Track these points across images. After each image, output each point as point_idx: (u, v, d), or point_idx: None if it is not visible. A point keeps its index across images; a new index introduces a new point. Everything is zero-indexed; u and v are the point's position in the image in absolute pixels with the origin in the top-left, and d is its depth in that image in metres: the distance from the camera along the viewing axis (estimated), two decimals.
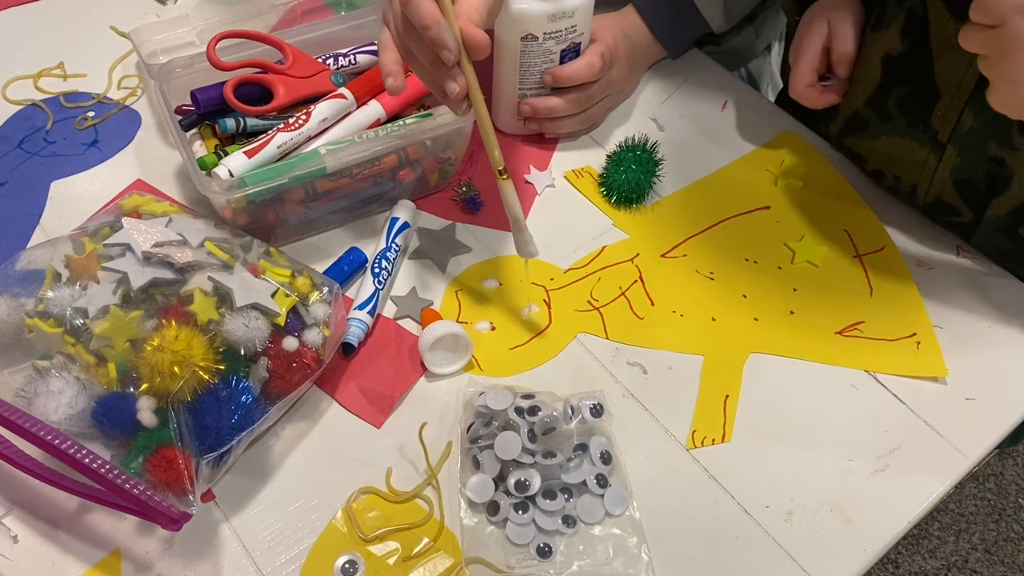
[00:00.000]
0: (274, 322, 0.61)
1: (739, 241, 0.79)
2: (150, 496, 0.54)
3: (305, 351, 0.62)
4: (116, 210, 0.67)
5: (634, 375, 0.70)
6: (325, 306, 0.64)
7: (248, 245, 0.66)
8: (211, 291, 0.60)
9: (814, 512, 0.63)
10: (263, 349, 0.60)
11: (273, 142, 0.71)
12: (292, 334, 0.61)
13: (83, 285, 0.60)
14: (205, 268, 0.61)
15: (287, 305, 0.62)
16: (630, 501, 0.63)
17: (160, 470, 0.55)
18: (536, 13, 0.76)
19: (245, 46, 0.77)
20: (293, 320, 0.62)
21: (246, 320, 0.59)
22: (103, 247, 0.61)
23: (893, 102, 0.75)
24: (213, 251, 0.62)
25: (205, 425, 0.57)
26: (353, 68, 0.80)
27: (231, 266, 0.62)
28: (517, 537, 0.61)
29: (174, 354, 0.56)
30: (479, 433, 0.64)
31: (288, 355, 0.61)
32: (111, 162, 0.83)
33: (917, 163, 0.76)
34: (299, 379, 0.62)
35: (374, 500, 0.63)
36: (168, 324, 0.57)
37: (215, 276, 0.60)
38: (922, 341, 0.72)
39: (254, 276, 0.62)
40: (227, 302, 0.60)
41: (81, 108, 0.87)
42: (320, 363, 0.63)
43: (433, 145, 0.77)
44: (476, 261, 0.77)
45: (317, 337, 0.63)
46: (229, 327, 0.59)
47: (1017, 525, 1.52)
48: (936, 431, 0.67)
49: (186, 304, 0.59)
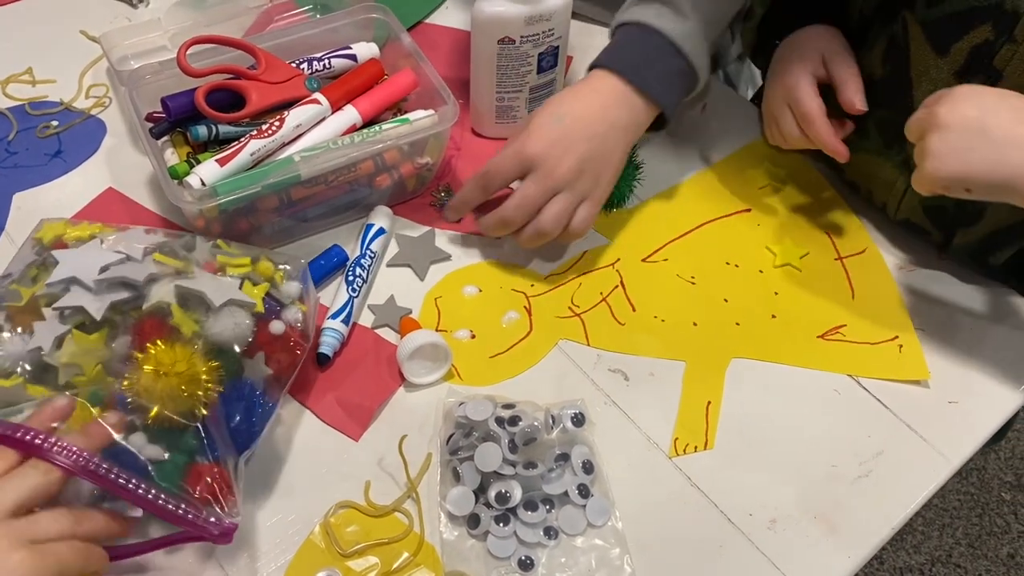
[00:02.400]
0: (254, 312, 0.60)
1: (720, 245, 0.78)
2: (197, 515, 0.53)
3: (291, 331, 0.62)
4: (35, 245, 0.63)
5: (616, 382, 0.69)
6: (295, 283, 0.64)
7: (191, 244, 0.64)
8: (180, 299, 0.59)
9: (798, 519, 0.63)
10: (253, 340, 0.59)
11: (246, 149, 0.70)
12: (275, 318, 0.61)
13: (29, 331, 0.57)
14: (161, 279, 0.59)
15: (260, 292, 0.61)
16: (612, 511, 0.62)
17: (201, 485, 0.54)
18: (512, 16, 0.75)
19: (217, 51, 0.76)
20: (270, 304, 0.62)
21: (229, 318, 0.59)
22: (45, 287, 0.58)
23: (872, 121, 0.75)
24: (163, 261, 0.61)
25: (235, 429, 0.57)
26: (328, 72, 0.79)
27: (188, 271, 0.61)
28: (498, 550, 0.60)
29: (179, 376, 0.55)
30: (459, 444, 0.63)
31: (278, 338, 0.61)
32: (80, 171, 0.81)
33: (888, 183, 0.76)
34: (294, 358, 0.62)
35: (352, 514, 0.62)
36: (160, 346, 0.56)
37: (182, 284, 0.59)
38: (904, 344, 0.72)
39: (215, 274, 0.61)
40: (202, 306, 0.59)
41: (48, 115, 0.85)
42: (307, 339, 0.63)
43: (410, 150, 0.75)
44: (456, 267, 0.76)
45: (297, 315, 0.63)
46: (216, 330, 0.58)
47: (1000, 519, 1.53)
48: (919, 435, 0.67)
49: (158, 318, 0.58)
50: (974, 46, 0.65)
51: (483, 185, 0.72)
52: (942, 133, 0.59)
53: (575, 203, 0.71)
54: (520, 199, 0.70)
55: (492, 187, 0.72)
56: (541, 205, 0.70)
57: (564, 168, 0.69)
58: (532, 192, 0.70)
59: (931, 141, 0.60)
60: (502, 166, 0.71)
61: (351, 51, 0.80)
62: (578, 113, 0.71)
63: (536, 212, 0.70)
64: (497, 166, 0.71)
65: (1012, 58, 0.63)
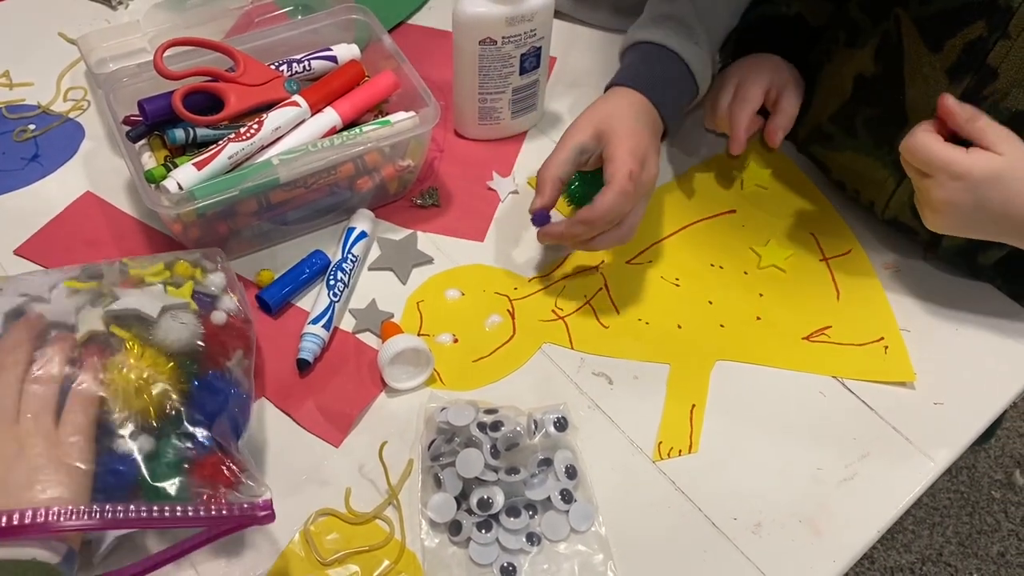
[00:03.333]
0: (191, 310, 0.60)
1: (705, 246, 0.78)
2: (238, 507, 0.53)
3: (233, 318, 0.62)
4: None
5: (600, 386, 0.69)
6: (217, 274, 0.64)
7: (95, 272, 0.62)
8: (116, 322, 0.58)
9: (783, 523, 0.62)
10: (205, 334, 0.59)
11: (224, 153, 0.69)
12: (212, 310, 0.62)
13: None
14: (82, 310, 0.58)
15: (187, 291, 0.61)
16: (596, 516, 0.61)
17: (217, 477, 0.54)
18: (493, 17, 0.74)
19: (195, 54, 0.75)
20: (201, 300, 0.62)
21: (174, 321, 0.59)
22: None
23: (860, 120, 0.74)
24: (73, 286, 0.59)
25: (221, 420, 0.57)
26: (308, 75, 0.78)
27: (108, 293, 0.59)
28: (480, 557, 0.59)
29: (145, 379, 0.55)
30: (441, 450, 0.62)
31: (223, 328, 0.61)
32: (58, 175, 0.80)
33: (877, 182, 0.75)
34: (247, 341, 0.63)
35: (333, 522, 0.61)
36: (128, 348, 0.56)
37: (111, 308, 0.58)
38: (890, 345, 0.71)
39: (137, 288, 0.61)
40: (140, 322, 0.58)
41: (25, 119, 0.84)
42: (249, 322, 0.64)
43: (391, 152, 0.75)
44: (438, 271, 0.75)
45: (231, 303, 0.63)
46: (166, 337, 0.58)
47: (990, 518, 1.53)
48: (905, 437, 0.67)
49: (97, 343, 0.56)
50: (967, 42, 0.64)
51: (609, 219, 0.67)
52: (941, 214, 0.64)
53: (646, 205, 0.71)
54: (614, 206, 0.67)
55: (615, 220, 0.68)
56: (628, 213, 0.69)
57: (656, 170, 0.69)
58: (626, 202, 0.67)
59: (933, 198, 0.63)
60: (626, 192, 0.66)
61: (331, 53, 0.79)
62: (648, 117, 0.71)
63: None
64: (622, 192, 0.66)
65: (1007, 55, 0.63)
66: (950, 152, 0.61)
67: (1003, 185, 0.61)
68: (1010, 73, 0.63)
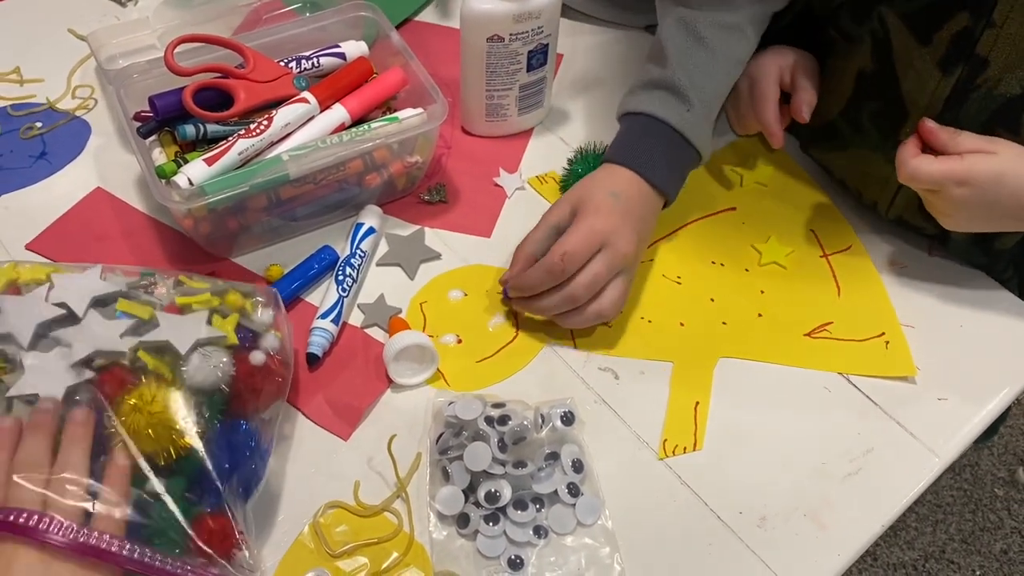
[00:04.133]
0: (227, 346, 0.58)
1: (705, 244, 0.78)
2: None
3: (271, 359, 0.60)
4: None
5: (606, 380, 0.69)
6: (266, 310, 0.62)
7: (152, 284, 0.61)
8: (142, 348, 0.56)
9: (787, 517, 0.62)
10: (236, 376, 0.57)
11: (234, 149, 0.70)
12: (253, 348, 0.59)
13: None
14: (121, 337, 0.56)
15: (231, 324, 0.59)
16: (602, 510, 0.62)
17: (215, 540, 0.51)
18: (501, 14, 0.74)
19: (205, 50, 0.75)
20: (244, 335, 0.60)
21: (204, 360, 0.56)
22: None
23: (866, 115, 0.75)
24: (128, 311, 0.58)
25: (232, 473, 0.55)
26: (316, 71, 0.79)
27: (146, 319, 0.58)
28: (488, 550, 0.60)
29: (151, 416, 0.53)
30: (449, 444, 0.63)
31: (259, 369, 0.59)
32: (68, 171, 0.81)
33: (880, 179, 0.75)
34: (278, 388, 0.60)
35: (342, 514, 0.61)
36: (145, 383, 0.54)
37: (145, 340, 0.56)
38: (891, 340, 0.72)
39: (179, 315, 0.58)
40: (170, 354, 0.56)
41: (31, 116, 0.85)
42: (288, 367, 0.61)
43: (400, 149, 0.75)
44: (446, 267, 0.76)
45: (275, 341, 0.61)
46: (192, 376, 0.56)
47: (993, 515, 1.53)
48: (909, 432, 0.67)
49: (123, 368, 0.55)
50: (954, 33, 0.64)
51: (559, 270, 0.66)
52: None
53: (629, 283, 0.70)
54: (591, 278, 0.66)
55: (571, 270, 0.66)
56: (606, 285, 0.68)
57: (630, 247, 0.68)
58: (601, 271, 0.66)
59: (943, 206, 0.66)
60: (579, 246, 0.66)
61: (340, 49, 0.80)
62: (627, 193, 0.70)
63: (600, 291, 0.68)
64: (574, 247, 0.66)
65: (995, 43, 0.62)
66: (946, 163, 0.63)
67: (1007, 181, 0.62)
68: (1000, 60, 0.63)
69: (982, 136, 0.64)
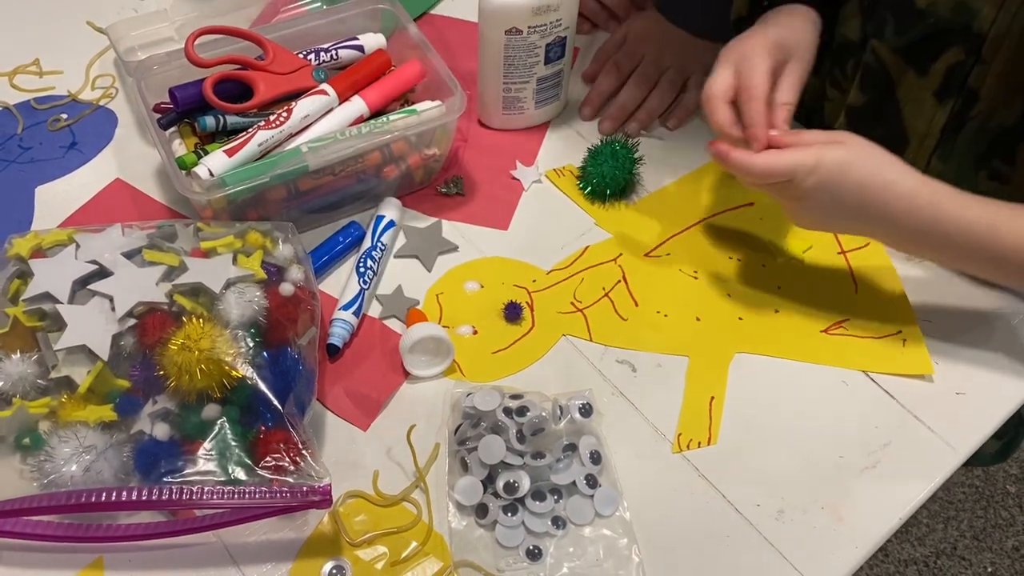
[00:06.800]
0: (256, 281, 0.61)
1: (723, 239, 0.78)
2: (298, 490, 0.54)
3: (300, 290, 0.63)
4: (11, 261, 0.62)
5: (623, 373, 0.69)
6: (287, 246, 0.65)
7: (171, 233, 0.64)
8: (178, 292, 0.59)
9: (805, 510, 0.63)
10: (270, 308, 0.61)
11: (254, 140, 0.70)
12: (281, 281, 0.63)
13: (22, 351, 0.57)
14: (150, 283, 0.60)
15: (256, 261, 0.62)
16: (620, 501, 0.62)
17: (282, 455, 0.55)
18: (520, 6, 0.74)
19: (224, 42, 0.76)
20: (270, 270, 0.63)
21: (238, 297, 0.60)
22: (24, 306, 0.59)
23: None
24: (154, 259, 0.61)
25: (295, 393, 0.59)
26: (335, 63, 0.79)
27: (175, 265, 0.61)
28: (506, 540, 0.60)
29: (200, 352, 0.56)
30: (467, 435, 0.63)
31: (290, 299, 0.62)
32: (92, 163, 0.81)
33: None
34: (311, 315, 0.63)
35: (361, 504, 0.62)
36: (192, 322, 0.57)
37: (178, 282, 0.60)
38: (908, 339, 0.71)
39: (206, 258, 0.62)
40: (206, 294, 0.60)
41: (56, 108, 0.85)
42: (315, 296, 0.65)
43: (417, 141, 0.75)
44: (463, 259, 0.76)
45: (298, 273, 0.64)
46: (229, 312, 0.59)
47: (1005, 512, 1.53)
48: (927, 426, 0.67)
49: (161, 312, 0.58)
50: (949, 66, 0.65)
51: None
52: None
53: None
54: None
55: None
56: None
57: None
58: None
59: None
60: None
61: (358, 42, 0.80)
62: None
63: None
64: None
65: (985, 78, 0.64)
66: (796, 153, 0.61)
67: (853, 171, 0.61)
68: (989, 96, 0.64)
69: (828, 131, 0.63)
